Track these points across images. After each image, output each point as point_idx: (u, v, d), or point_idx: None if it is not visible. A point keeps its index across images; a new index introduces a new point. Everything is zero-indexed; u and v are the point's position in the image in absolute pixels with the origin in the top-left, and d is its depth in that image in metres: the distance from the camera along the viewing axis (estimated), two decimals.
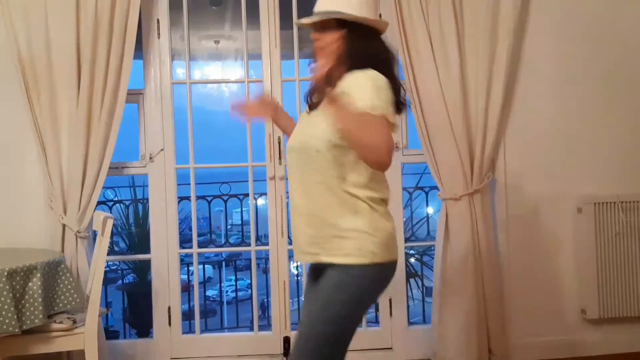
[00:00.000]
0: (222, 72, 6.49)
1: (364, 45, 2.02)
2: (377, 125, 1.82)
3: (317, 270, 2.04)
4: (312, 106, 2.11)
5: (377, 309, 3.82)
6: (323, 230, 1.97)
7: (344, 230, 1.94)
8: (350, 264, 1.92)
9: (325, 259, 1.96)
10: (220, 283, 7.13)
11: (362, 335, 3.76)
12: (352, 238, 1.93)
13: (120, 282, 5.99)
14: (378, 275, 1.98)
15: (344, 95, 1.85)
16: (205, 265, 7.21)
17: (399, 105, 1.99)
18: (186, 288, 5.04)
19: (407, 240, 4.04)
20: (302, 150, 2.03)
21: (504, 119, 3.57)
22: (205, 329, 5.64)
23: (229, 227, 7.28)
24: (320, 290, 1.99)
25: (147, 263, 4.06)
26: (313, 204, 1.99)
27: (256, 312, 3.93)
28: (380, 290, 2.03)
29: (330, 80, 1.98)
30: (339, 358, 2.00)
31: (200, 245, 4.47)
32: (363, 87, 1.89)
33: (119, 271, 5.94)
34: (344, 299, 1.93)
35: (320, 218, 1.97)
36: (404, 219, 3.96)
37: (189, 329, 4.61)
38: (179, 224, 3.84)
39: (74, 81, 3.37)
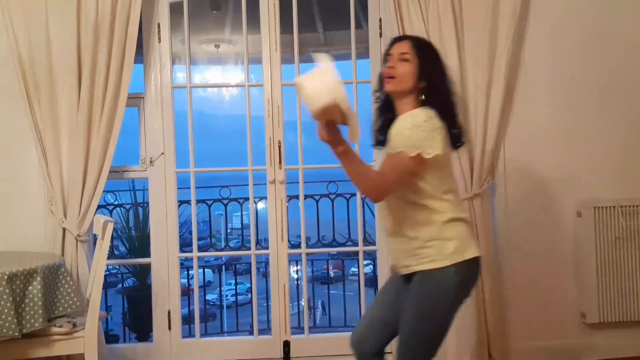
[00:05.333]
0: (223, 76, 6.50)
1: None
2: (391, 161, 2.18)
3: (407, 277, 2.30)
4: (380, 143, 2.43)
5: None
6: (410, 244, 2.25)
7: (425, 241, 2.21)
8: (435, 267, 2.19)
9: (416, 267, 2.24)
10: (220, 287, 7.15)
11: None
12: (432, 246, 2.21)
13: (120, 286, 5.99)
14: (461, 273, 2.21)
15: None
16: (205, 269, 7.20)
17: (453, 136, 2.27)
18: (186, 292, 5.04)
19: None
20: None
21: (504, 123, 3.57)
22: (205, 333, 5.65)
23: (229, 231, 7.28)
24: (411, 296, 2.25)
25: (147, 267, 4.06)
26: (399, 225, 2.28)
27: (256, 316, 3.92)
28: (467, 287, 2.27)
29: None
30: (434, 353, 2.25)
31: (200, 249, 4.47)
32: (401, 128, 2.20)
33: (119, 275, 5.95)
34: (435, 300, 2.21)
35: (406, 235, 2.26)
36: None
37: (188, 333, 4.61)
38: (179, 227, 3.84)
39: (75, 85, 3.38)
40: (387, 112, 2.38)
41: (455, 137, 2.30)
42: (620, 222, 3.61)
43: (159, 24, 3.67)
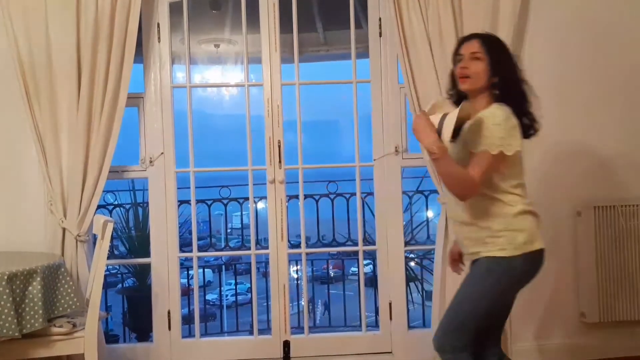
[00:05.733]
0: (222, 76, 6.49)
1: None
2: (477, 160, 2.29)
3: (474, 262, 2.47)
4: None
5: (377, 313, 3.82)
6: (480, 233, 2.39)
7: (496, 231, 2.35)
8: (501, 256, 2.33)
9: (484, 254, 2.38)
10: (220, 287, 7.14)
11: (362, 340, 3.79)
12: (503, 236, 2.34)
13: (120, 286, 5.98)
14: (528, 263, 2.36)
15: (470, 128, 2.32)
16: (205, 269, 7.19)
17: (526, 126, 2.41)
18: (186, 292, 5.04)
19: (407, 244, 4.04)
20: None
21: None
22: (205, 333, 5.64)
23: (228, 230, 7.27)
24: (471, 275, 2.44)
25: (147, 267, 4.06)
26: (471, 215, 2.40)
27: (256, 316, 3.92)
28: (530, 276, 2.41)
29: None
30: (472, 335, 2.37)
31: (200, 249, 4.46)
32: (482, 127, 2.30)
33: (119, 275, 5.94)
34: (497, 282, 2.35)
35: (478, 225, 2.39)
36: (404, 223, 3.96)
37: (188, 333, 4.60)
38: (179, 227, 3.84)
39: (74, 85, 3.38)
40: None
41: (528, 127, 2.42)
42: (620, 222, 3.61)
43: (158, 24, 3.67)
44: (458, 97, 2.51)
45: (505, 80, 2.39)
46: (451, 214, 2.57)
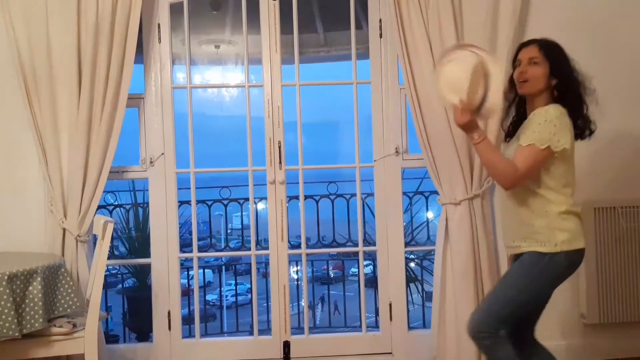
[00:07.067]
0: (223, 76, 6.50)
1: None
2: (523, 153, 2.38)
3: (517, 257, 2.57)
4: (509, 135, 2.68)
5: (377, 314, 3.82)
6: (523, 229, 2.48)
7: (538, 227, 2.44)
8: (542, 251, 2.42)
9: (525, 249, 2.48)
10: (220, 287, 7.14)
11: (362, 340, 3.79)
12: (543, 233, 2.43)
13: (120, 286, 5.99)
14: (567, 261, 2.44)
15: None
16: (205, 270, 7.21)
17: (580, 130, 2.50)
18: (186, 292, 5.04)
19: (407, 244, 4.04)
20: None
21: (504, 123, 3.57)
22: (205, 333, 5.65)
23: (229, 231, 7.29)
24: (514, 267, 2.55)
25: (147, 267, 4.06)
26: (517, 209, 2.51)
27: (256, 317, 3.92)
28: (567, 274, 2.51)
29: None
30: (509, 324, 2.47)
31: (200, 250, 4.47)
32: (534, 122, 2.41)
33: (119, 275, 5.95)
34: (537, 277, 2.45)
35: (522, 220, 2.49)
36: (404, 224, 3.96)
37: (188, 334, 4.60)
38: (179, 228, 3.84)
39: (75, 85, 3.38)
40: (518, 109, 2.65)
41: (583, 129, 2.51)
42: (620, 223, 3.61)
43: (159, 25, 3.67)
44: (515, 98, 2.62)
45: (562, 82, 2.48)
46: (501, 207, 2.71)
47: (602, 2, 3.73)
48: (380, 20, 3.70)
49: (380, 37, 3.70)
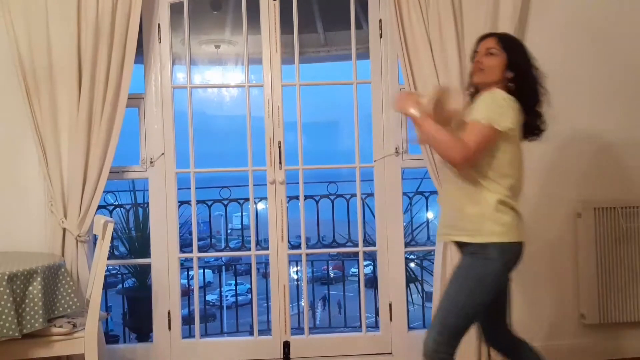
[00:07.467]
0: (223, 76, 6.50)
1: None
2: (472, 130, 2.32)
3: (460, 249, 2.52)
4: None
5: (377, 314, 3.82)
6: (455, 215, 2.46)
7: (469, 215, 2.40)
8: (469, 241, 2.39)
9: (454, 238, 2.50)
10: (220, 287, 7.14)
11: (362, 340, 3.79)
12: (473, 222, 2.39)
13: (120, 286, 5.99)
14: (503, 255, 2.39)
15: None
16: (205, 270, 7.21)
17: (530, 127, 2.49)
18: (186, 292, 5.04)
19: (407, 245, 4.04)
20: None
21: None
22: (205, 333, 5.64)
23: (229, 231, 7.28)
24: (455, 273, 2.45)
25: (147, 267, 4.06)
26: (452, 195, 2.49)
27: (256, 317, 3.92)
28: (504, 268, 2.41)
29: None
30: (467, 331, 2.42)
31: (200, 250, 4.46)
32: (481, 102, 2.39)
33: (119, 275, 5.94)
34: (474, 271, 2.38)
35: (455, 206, 2.46)
36: (404, 224, 3.96)
37: (188, 334, 4.61)
38: (179, 228, 3.84)
39: (75, 85, 3.38)
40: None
41: (534, 126, 2.50)
42: (620, 223, 3.61)
43: (159, 24, 3.67)
44: (475, 92, 2.58)
45: (519, 76, 2.45)
46: (446, 193, 2.61)
47: (602, 2, 3.73)
48: (380, 20, 3.70)
49: (381, 37, 3.70)
